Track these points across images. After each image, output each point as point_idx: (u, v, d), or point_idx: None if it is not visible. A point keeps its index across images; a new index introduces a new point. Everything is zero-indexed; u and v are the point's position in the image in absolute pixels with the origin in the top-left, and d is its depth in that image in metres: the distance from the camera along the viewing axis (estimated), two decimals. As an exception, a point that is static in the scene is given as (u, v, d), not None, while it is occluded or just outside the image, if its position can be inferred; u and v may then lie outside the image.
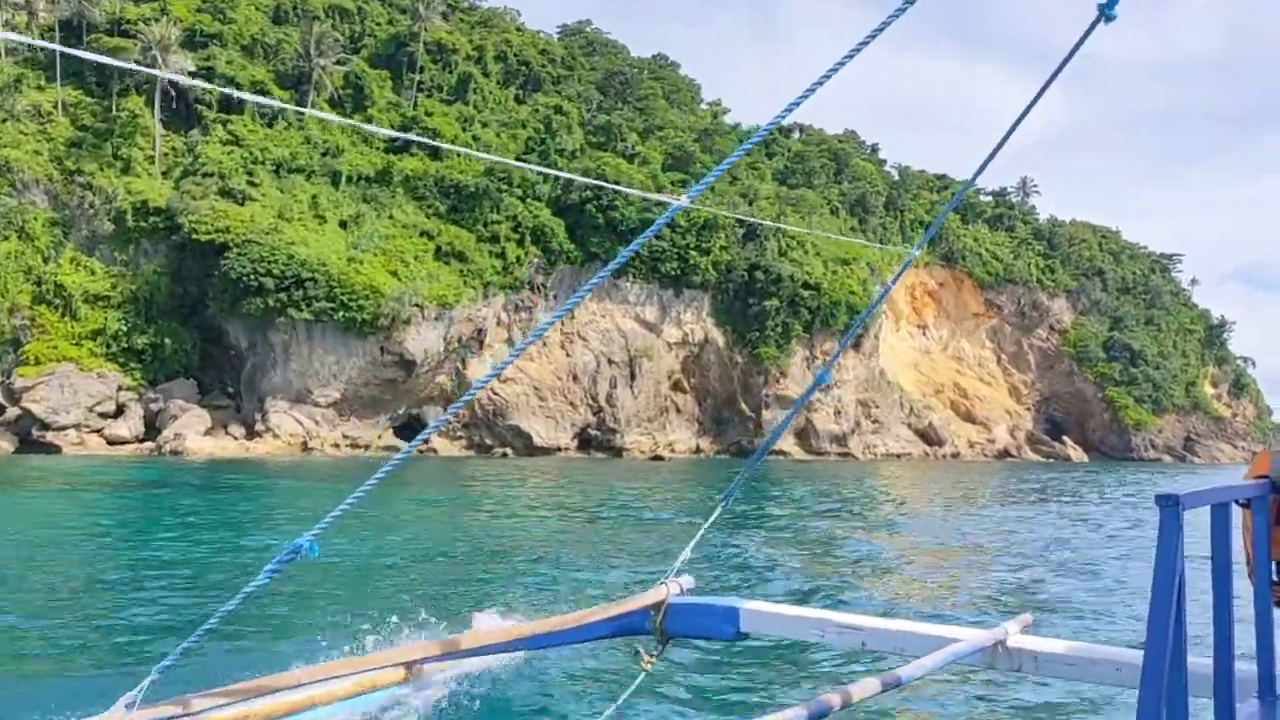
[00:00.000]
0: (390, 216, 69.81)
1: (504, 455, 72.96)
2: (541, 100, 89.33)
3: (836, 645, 6.08)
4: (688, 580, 5.87)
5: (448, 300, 67.39)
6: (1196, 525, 2.71)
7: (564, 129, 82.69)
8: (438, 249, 70.80)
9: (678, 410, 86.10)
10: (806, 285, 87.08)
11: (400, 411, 70.62)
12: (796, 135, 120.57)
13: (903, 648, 4.95)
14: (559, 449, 77.20)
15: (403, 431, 72.88)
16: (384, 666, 5.51)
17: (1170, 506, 2.55)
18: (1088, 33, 3.84)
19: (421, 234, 70.88)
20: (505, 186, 74.31)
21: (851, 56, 3.51)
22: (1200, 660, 3.17)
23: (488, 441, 75.21)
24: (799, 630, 5.46)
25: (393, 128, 77.95)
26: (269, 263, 60.68)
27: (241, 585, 4.01)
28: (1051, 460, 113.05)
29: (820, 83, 3.54)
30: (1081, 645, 4.82)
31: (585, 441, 79.65)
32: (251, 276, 60.35)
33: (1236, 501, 3.16)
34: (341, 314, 62.47)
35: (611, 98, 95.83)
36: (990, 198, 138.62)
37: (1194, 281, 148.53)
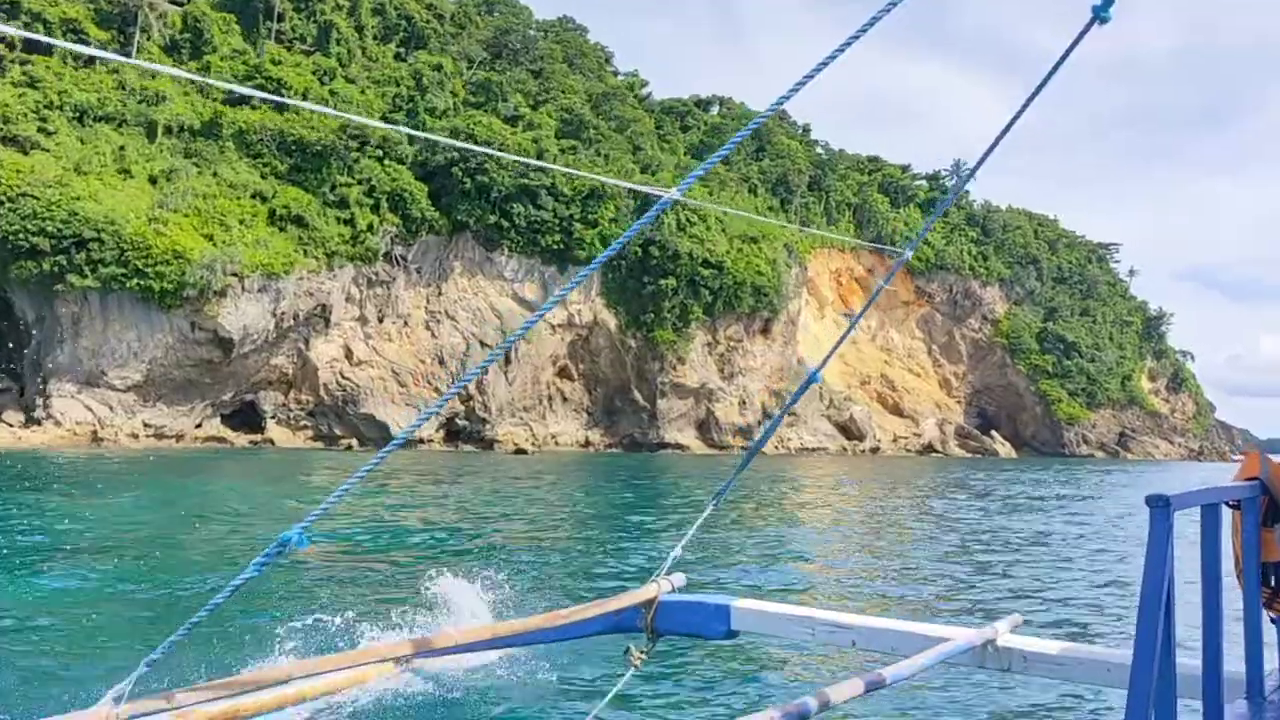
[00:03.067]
0: (215, 174, 59.93)
1: (348, 448, 63.46)
2: (423, 58, 79.72)
3: (827, 644, 5.66)
4: (679, 578, 5.72)
5: (275, 270, 57.70)
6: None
7: (435, 85, 73.10)
8: (272, 213, 61.06)
9: (564, 399, 77.04)
10: (707, 263, 78.24)
11: (228, 397, 60.86)
12: (716, 109, 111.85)
13: (893, 647, 4.86)
14: (421, 441, 67.84)
15: (234, 420, 63.18)
16: (373, 661, 5.16)
17: (1160, 508, 2.48)
18: (1082, 34, 3.62)
19: (254, 195, 61.03)
20: (358, 145, 64.76)
21: (842, 50, 3.35)
22: (1189, 661, 3.08)
23: (337, 432, 65.67)
24: (790, 629, 5.37)
25: (235, 78, 68.10)
26: (44, 220, 50.65)
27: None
28: (978, 456, 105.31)
29: (809, 77, 3.36)
30: (1071, 645, 4.69)
31: (453, 433, 70.41)
32: (22, 235, 50.30)
33: (1226, 503, 3.10)
34: (136, 281, 52.60)
35: (505, 59, 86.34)
36: (924, 181, 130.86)
37: (1132, 272, 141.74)
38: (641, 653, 5.47)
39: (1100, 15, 3.46)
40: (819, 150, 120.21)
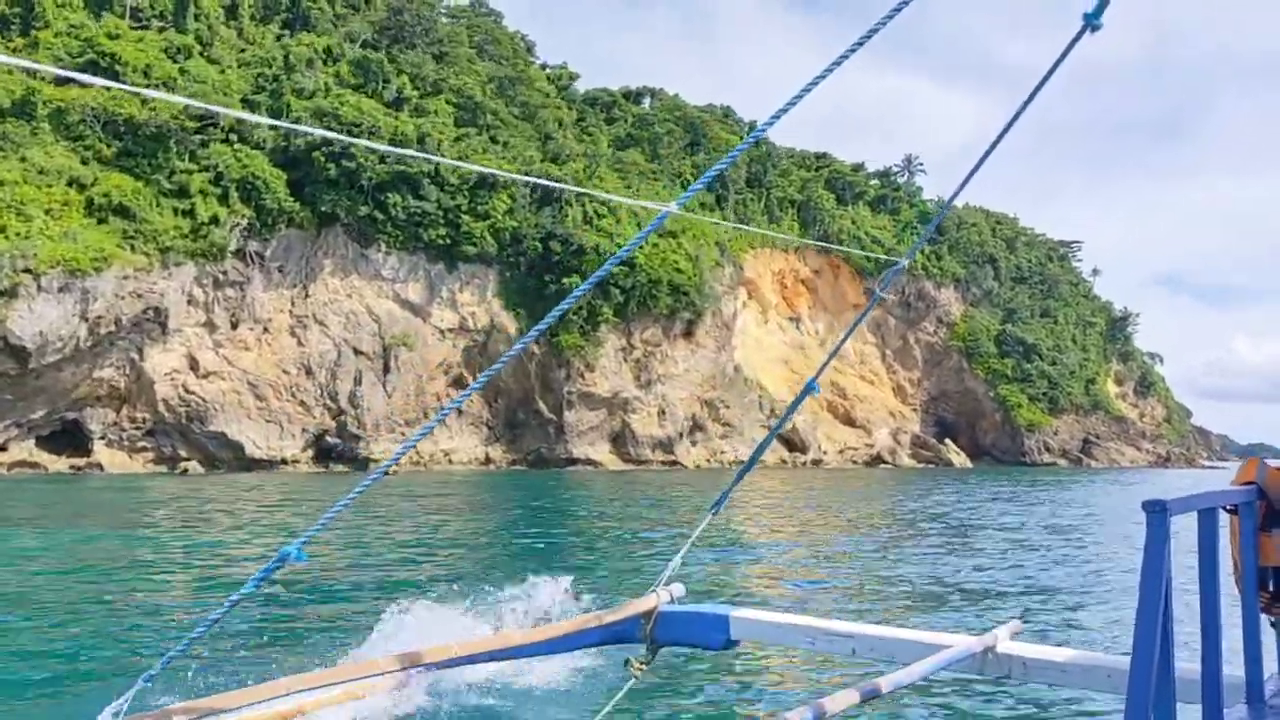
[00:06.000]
0: (22, 158, 51.24)
1: (184, 472, 54.58)
2: (304, 40, 71.31)
3: (827, 653, 5.42)
4: (678, 588, 5.63)
5: (81, 266, 48.94)
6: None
7: (304, 65, 64.61)
8: (90, 202, 52.39)
9: (460, 411, 68.27)
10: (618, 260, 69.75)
11: (39, 415, 51.94)
12: (648, 102, 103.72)
13: (893, 655, 4.80)
14: (283, 461, 59.07)
15: (55, 441, 54.27)
16: (373, 675, 4.98)
17: (1157, 513, 2.45)
18: (1074, 42, 3.60)
19: (70, 182, 52.38)
20: (199, 128, 56.23)
21: (840, 62, 3.35)
22: (1188, 666, 3.04)
23: (182, 453, 56.81)
24: (789, 638, 5.30)
25: (69, 54, 59.48)
26: None
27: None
28: (930, 466, 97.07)
29: (809, 89, 3.32)
30: (1071, 651, 4.61)
31: (324, 451, 61.61)
32: None
33: (1224, 507, 3.04)
34: (-103, 281, 43.92)
35: (403, 42, 77.86)
36: (876, 180, 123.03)
37: (1095, 271, 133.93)
38: (641, 664, 5.33)
39: (1091, 23, 3.39)
40: (761, 146, 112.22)
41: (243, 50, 69.31)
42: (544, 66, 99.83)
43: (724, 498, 5.65)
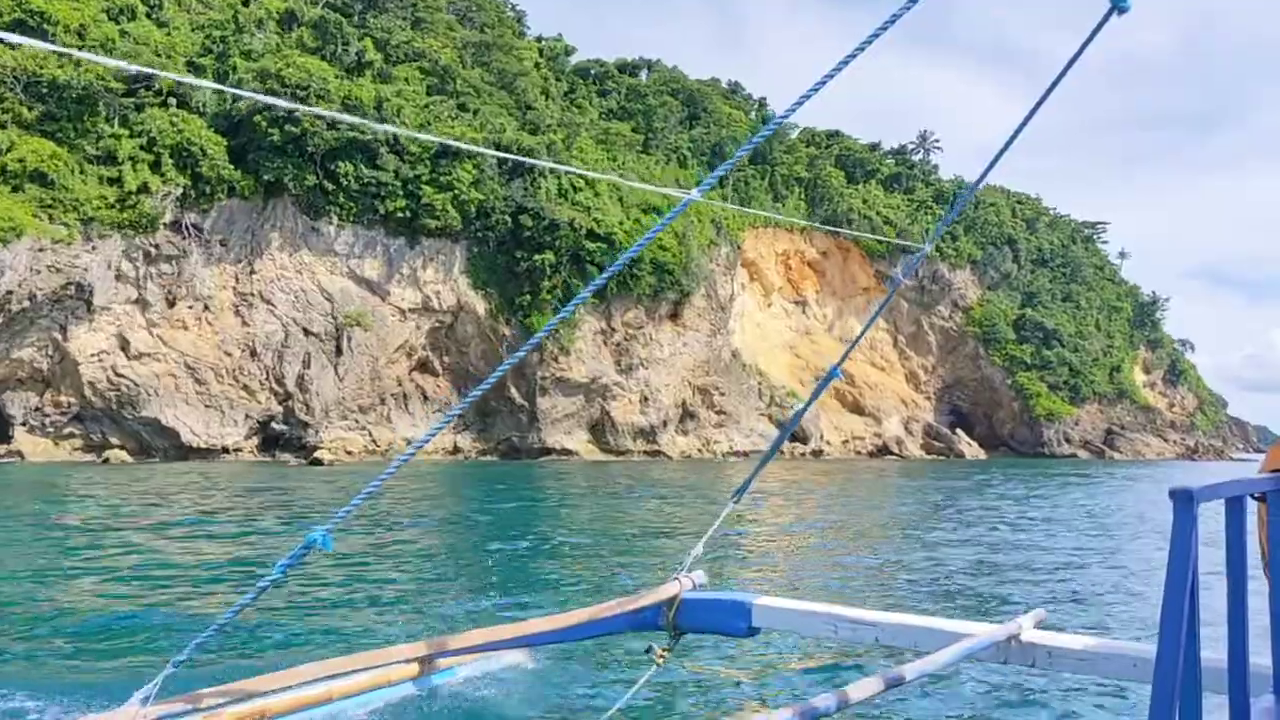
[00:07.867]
0: (-71, 121, 46.89)
1: (105, 461, 50.04)
2: (267, 3, 66.51)
3: (849, 640, 5.52)
4: (700, 576, 5.67)
5: (-16, 237, 44.47)
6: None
7: (253, 24, 59.75)
8: (3, 169, 47.92)
9: (425, 398, 63.40)
10: (594, 236, 64.35)
11: (-51, 399, 47.77)
12: (645, 75, 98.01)
13: (915, 643, 4.73)
14: (225, 450, 54.47)
15: (-29, 427, 50.08)
16: (398, 661, 5.13)
17: (1184, 501, 2.43)
18: (1100, 26, 3.58)
19: (-16, 148, 47.99)
20: (126, 90, 51.56)
21: (863, 48, 3.32)
22: (1214, 655, 2.95)
23: (113, 440, 52.35)
24: (811, 625, 5.24)
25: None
26: None
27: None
28: (940, 458, 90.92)
29: (832, 74, 3.30)
30: (1095, 640, 4.55)
31: (271, 439, 56.96)
32: None
33: (1252, 495, 2.98)
34: None
35: (376, 8, 72.83)
36: (891, 159, 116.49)
37: (1123, 254, 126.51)
38: (663, 650, 5.31)
39: (1119, 5, 3.35)
40: (768, 122, 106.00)
41: (200, 13, 64.63)
42: (539, 39, 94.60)
43: (746, 485, 5.77)
